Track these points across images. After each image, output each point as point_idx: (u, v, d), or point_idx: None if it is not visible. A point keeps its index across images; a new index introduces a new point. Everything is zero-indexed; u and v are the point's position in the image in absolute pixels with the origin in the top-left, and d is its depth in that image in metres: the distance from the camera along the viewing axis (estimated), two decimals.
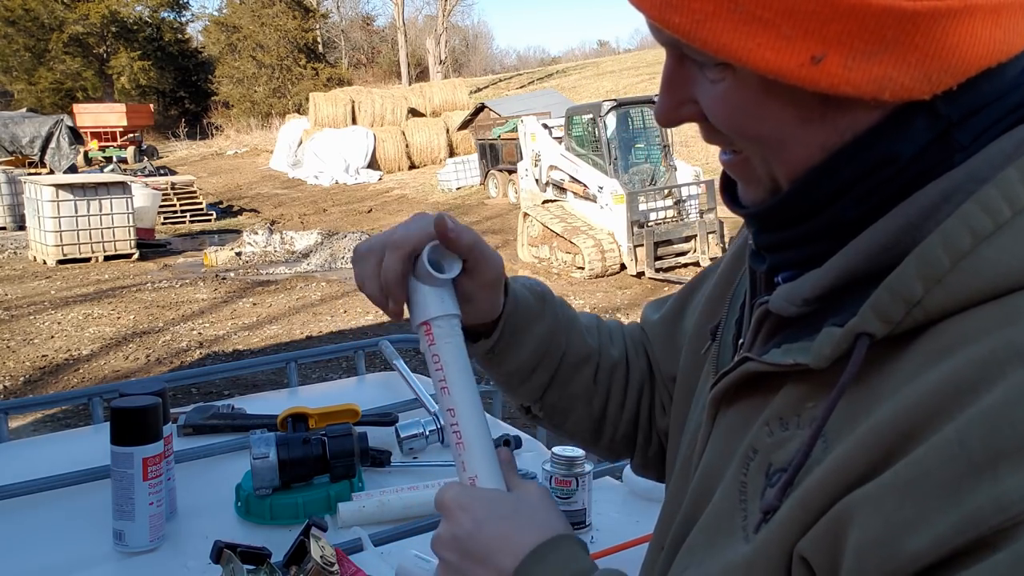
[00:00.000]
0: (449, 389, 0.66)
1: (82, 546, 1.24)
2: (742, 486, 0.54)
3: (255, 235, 12.94)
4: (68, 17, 33.50)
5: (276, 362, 2.13)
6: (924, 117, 0.47)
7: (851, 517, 0.43)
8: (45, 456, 1.59)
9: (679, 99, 0.54)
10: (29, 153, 19.19)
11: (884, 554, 0.41)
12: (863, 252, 0.48)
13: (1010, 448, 0.38)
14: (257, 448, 1.31)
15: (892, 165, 0.48)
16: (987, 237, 0.44)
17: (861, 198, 0.49)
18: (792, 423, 0.51)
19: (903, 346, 0.46)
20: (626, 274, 9.89)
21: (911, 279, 0.45)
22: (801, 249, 0.53)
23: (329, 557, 1.04)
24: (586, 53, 53.94)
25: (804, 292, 0.51)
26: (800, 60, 0.45)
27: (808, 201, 0.52)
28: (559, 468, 1.24)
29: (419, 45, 42.55)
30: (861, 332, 0.46)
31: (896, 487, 0.42)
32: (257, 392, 3.11)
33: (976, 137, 0.47)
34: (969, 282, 0.43)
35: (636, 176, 10.20)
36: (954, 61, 0.45)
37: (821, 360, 0.48)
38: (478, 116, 19.69)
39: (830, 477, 0.45)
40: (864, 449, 0.44)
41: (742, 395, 0.58)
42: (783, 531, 0.48)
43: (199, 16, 43.01)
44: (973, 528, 0.38)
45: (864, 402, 0.46)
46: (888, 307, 0.45)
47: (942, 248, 0.44)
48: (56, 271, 11.39)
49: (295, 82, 35.74)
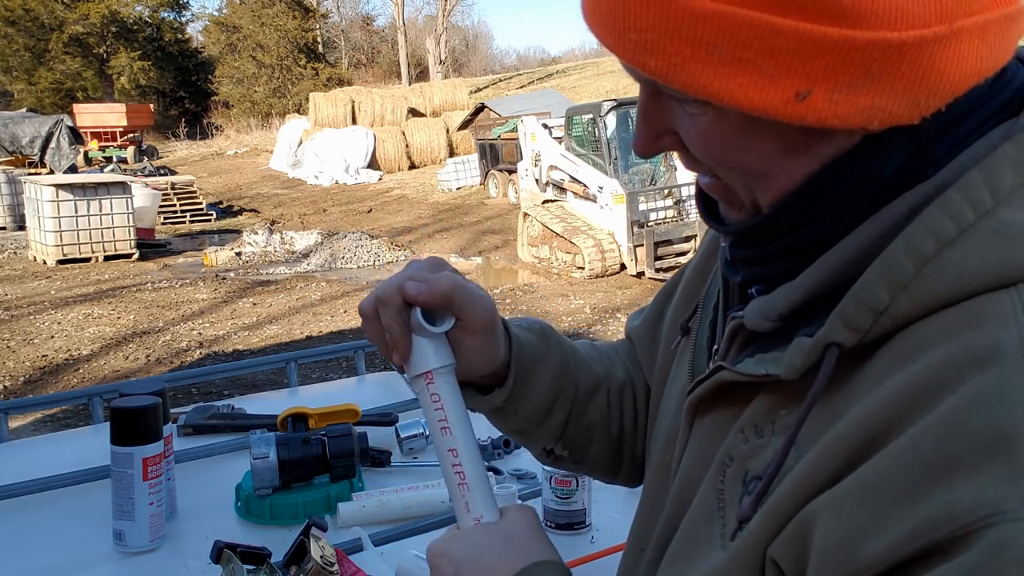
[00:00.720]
0: (451, 430, 0.66)
1: (82, 546, 1.24)
2: (720, 493, 0.54)
3: (255, 235, 12.94)
4: (68, 17, 33.50)
5: (276, 362, 2.13)
6: (903, 135, 0.47)
7: (815, 520, 0.43)
8: (45, 456, 1.59)
9: (657, 131, 0.53)
10: (29, 153, 19.18)
11: (843, 557, 0.41)
12: (834, 265, 0.48)
13: (965, 455, 0.38)
14: (257, 448, 1.31)
15: (873, 185, 0.48)
16: (951, 242, 0.43)
17: (839, 218, 0.49)
18: (767, 430, 0.51)
19: (872, 353, 0.46)
20: (626, 274, 9.89)
21: (875, 286, 0.44)
22: (776, 264, 0.53)
23: (329, 557, 1.04)
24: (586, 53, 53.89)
25: (778, 307, 0.51)
26: (784, 97, 0.44)
27: (788, 222, 0.51)
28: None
29: (419, 45, 42.54)
30: (830, 342, 0.46)
31: (855, 492, 0.42)
32: (257, 392, 3.12)
33: (951, 149, 0.47)
34: (934, 287, 0.43)
35: (636, 176, 10.21)
36: (942, 85, 0.44)
37: (791, 371, 0.48)
38: (478, 116, 19.69)
39: (798, 483, 0.45)
40: (829, 456, 0.44)
41: (718, 403, 0.58)
42: (755, 538, 0.48)
43: (199, 16, 43.06)
44: (926, 535, 0.38)
45: (836, 410, 0.46)
46: (854, 316, 0.45)
47: (905, 254, 0.44)
48: (56, 271, 11.39)
49: (295, 82, 35.74)
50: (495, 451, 1.56)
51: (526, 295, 9.20)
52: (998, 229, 0.43)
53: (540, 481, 1.29)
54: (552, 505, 1.24)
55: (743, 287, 0.58)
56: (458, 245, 13.06)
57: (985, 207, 0.43)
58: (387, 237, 13.04)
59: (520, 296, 9.16)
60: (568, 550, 1.18)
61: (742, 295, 0.59)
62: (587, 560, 1.15)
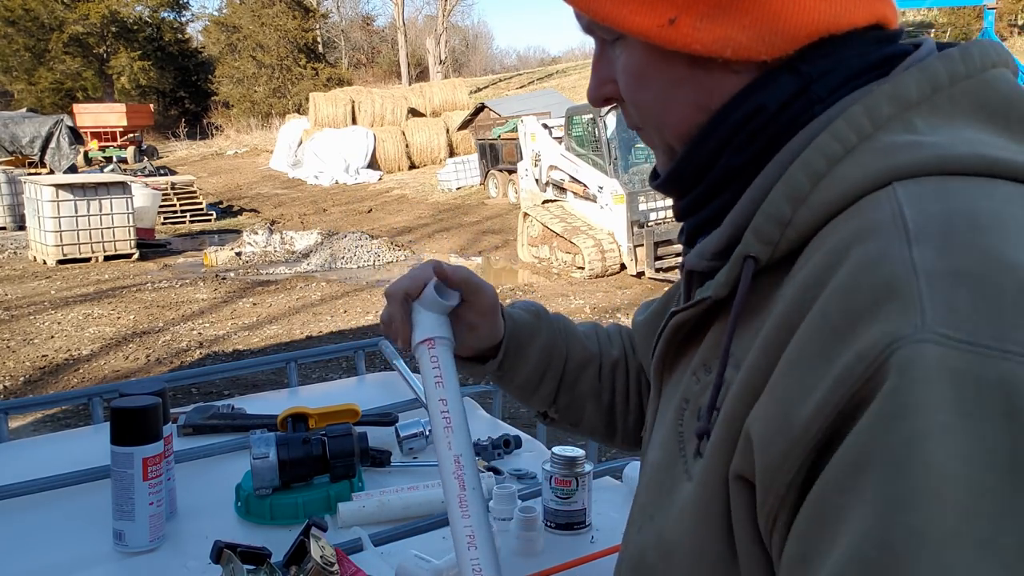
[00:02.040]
0: (444, 383, 0.77)
1: (82, 546, 1.24)
2: (679, 436, 0.59)
3: (255, 235, 12.94)
4: (68, 17, 33.49)
5: (276, 362, 2.13)
6: (787, 75, 0.55)
7: (753, 418, 0.48)
8: (45, 456, 1.59)
9: (601, 79, 0.63)
10: (29, 153, 19.18)
11: (781, 431, 0.45)
12: (747, 204, 0.55)
13: (863, 308, 0.43)
14: (257, 448, 1.31)
15: (761, 114, 0.55)
16: (839, 160, 0.50)
17: (742, 145, 0.56)
18: (714, 365, 0.56)
19: (784, 267, 0.52)
20: (626, 274, 9.89)
21: (780, 201, 0.51)
22: (708, 205, 0.60)
23: (329, 557, 1.04)
24: (586, 53, 53.90)
25: (710, 247, 0.58)
26: (659, 22, 0.55)
27: (699, 156, 0.59)
28: (559, 468, 1.24)
29: (419, 45, 42.53)
30: (746, 255, 0.53)
31: (781, 372, 0.46)
32: (257, 392, 3.11)
33: (832, 91, 0.54)
34: (825, 197, 0.50)
35: (636, 176, 10.19)
36: (782, 27, 0.53)
37: (720, 288, 0.55)
38: (478, 116, 19.68)
39: (741, 390, 0.50)
40: (761, 356, 0.49)
41: (677, 359, 0.63)
42: (715, 456, 0.51)
43: (199, 16, 43.06)
44: (846, 382, 0.42)
45: (759, 321, 0.52)
46: (764, 229, 0.52)
47: (802, 172, 0.51)
48: (56, 271, 11.39)
49: (295, 82, 35.73)
50: (495, 451, 1.56)
51: (526, 295, 9.21)
52: (875, 147, 0.50)
53: (540, 481, 1.28)
54: (552, 505, 1.24)
55: (690, 242, 0.64)
56: (458, 245, 13.06)
57: (866, 132, 0.50)
58: (387, 237, 13.04)
59: (520, 296, 9.16)
60: (568, 550, 1.18)
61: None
62: (587, 560, 1.15)
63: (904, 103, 0.51)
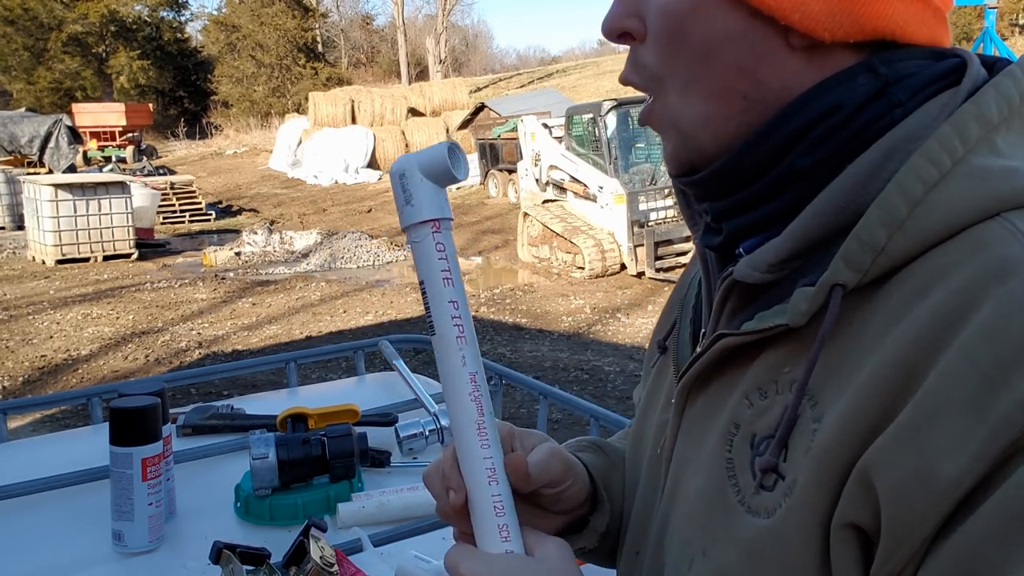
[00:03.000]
0: (453, 281, 0.61)
1: (81, 546, 1.24)
2: (728, 463, 0.54)
3: (254, 235, 12.94)
4: (67, 16, 33.50)
5: (276, 362, 2.12)
6: (865, 75, 0.52)
7: (874, 467, 0.44)
8: (44, 456, 1.59)
9: (627, 9, 0.58)
10: (28, 153, 19.19)
11: (924, 485, 0.42)
12: (820, 214, 0.51)
13: (1013, 356, 0.41)
14: (256, 448, 1.31)
15: (838, 113, 0.52)
16: (934, 185, 0.48)
17: (813, 146, 0.53)
18: (771, 391, 0.53)
19: (871, 295, 0.49)
20: (626, 274, 9.89)
21: (875, 227, 0.48)
22: (760, 208, 0.55)
23: (329, 558, 1.04)
24: (586, 53, 53.97)
25: (768, 258, 0.53)
26: None
27: (761, 153, 0.54)
28: None
29: (419, 44, 42.54)
30: (835, 283, 0.49)
31: (918, 420, 0.43)
32: (257, 392, 3.11)
33: (911, 95, 0.52)
34: (925, 224, 0.47)
35: (636, 176, 10.20)
36: (858, 10, 0.51)
37: (799, 316, 0.50)
38: (478, 116, 19.69)
39: (843, 429, 0.46)
40: (869, 396, 0.45)
41: (712, 378, 0.58)
42: (809, 499, 0.47)
43: (198, 15, 43.10)
44: (1004, 434, 0.40)
45: (845, 355, 0.48)
46: (857, 256, 0.48)
47: (899, 197, 0.48)
48: (55, 271, 11.39)
49: (294, 81, 35.74)
50: None
51: (526, 295, 9.20)
52: (970, 172, 0.48)
53: None
54: None
55: (727, 248, 0.58)
56: (458, 245, 12.94)
57: (958, 154, 0.48)
58: (387, 237, 13.04)
59: (520, 296, 9.15)
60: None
61: (726, 259, 0.59)
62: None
63: (988, 123, 0.50)
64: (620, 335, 7.38)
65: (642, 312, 8.19)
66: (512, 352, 6.86)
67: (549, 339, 7.32)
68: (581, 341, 7.24)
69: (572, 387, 5.82)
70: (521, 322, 7.94)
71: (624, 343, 7.12)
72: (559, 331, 7.59)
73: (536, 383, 1.87)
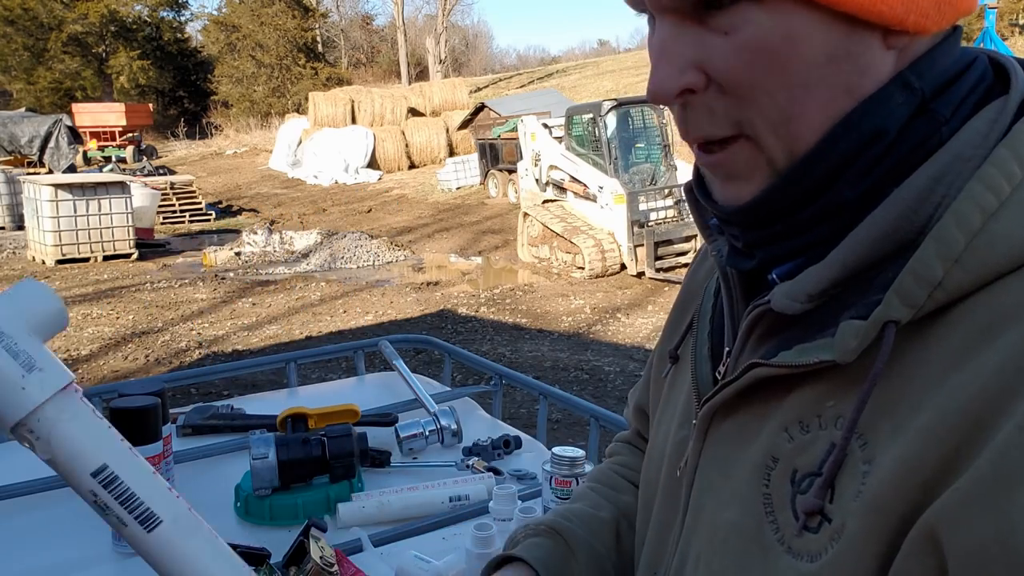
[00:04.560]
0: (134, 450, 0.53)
1: (81, 546, 1.24)
2: (765, 498, 0.51)
3: (254, 235, 12.93)
4: (67, 16, 33.49)
5: (276, 362, 2.12)
6: (900, 91, 0.48)
7: (946, 523, 0.41)
8: None
9: (681, 65, 0.49)
10: (28, 153, 19.18)
11: (1006, 554, 0.38)
12: (866, 242, 0.48)
13: None
14: (256, 448, 1.31)
15: (882, 139, 0.48)
16: (993, 213, 0.44)
17: (859, 176, 0.49)
18: (813, 425, 0.49)
19: (925, 330, 0.45)
20: (626, 274, 9.89)
21: (932, 261, 0.44)
22: (799, 238, 0.52)
23: (328, 558, 1.04)
24: (586, 53, 53.99)
25: (808, 288, 0.50)
26: None
27: (807, 182, 0.50)
28: (559, 468, 1.24)
29: (419, 44, 42.54)
30: (888, 320, 0.45)
31: (996, 478, 0.39)
32: (257, 392, 3.11)
33: (955, 110, 0.48)
34: (986, 258, 0.44)
35: (636, 176, 10.20)
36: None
37: (847, 354, 0.47)
38: (478, 116, 19.68)
39: (900, 476, 0.43)
40: (930, 443, 0.42)
41: (740, 405, 0.55)
42: (859, 548, 0.45)
43: (198, 15, 43.07)
44: None
45: (898, 394, 0.45)
46: (913, 292, 0.45)
47: (956, 228, 0.44)
48: (55, 271, 11.39)
49: (294, 81, 35.73)
50: (495, 451, 1.55)
51: (526, 295, 9.20)
52: None
53: (540, 481, 1.28)
54: (552, 505, 1.24)
55: (759, 273, 0.56)
56: (458, 245, 13.06)
57: (1017, 179, 0.45)
58: (387, 237, 13.04)
59: (520, 296, 9.15)
60: None
61: (753, 285, 0.57)
62: None
63: None
64: (620, 335, 7.37)
65: (642, 312, 8.19)
66: (512, 352, 6.86)
67: (549, 339, 7.32)
68: (581, 341, 7.24)
69: (572, 387, 5.82)
70: (521, 322, 7.94)
71: (624, 343, 7.12)
72: (559, 331, 7.59)
73: (536, 383, 1.87)
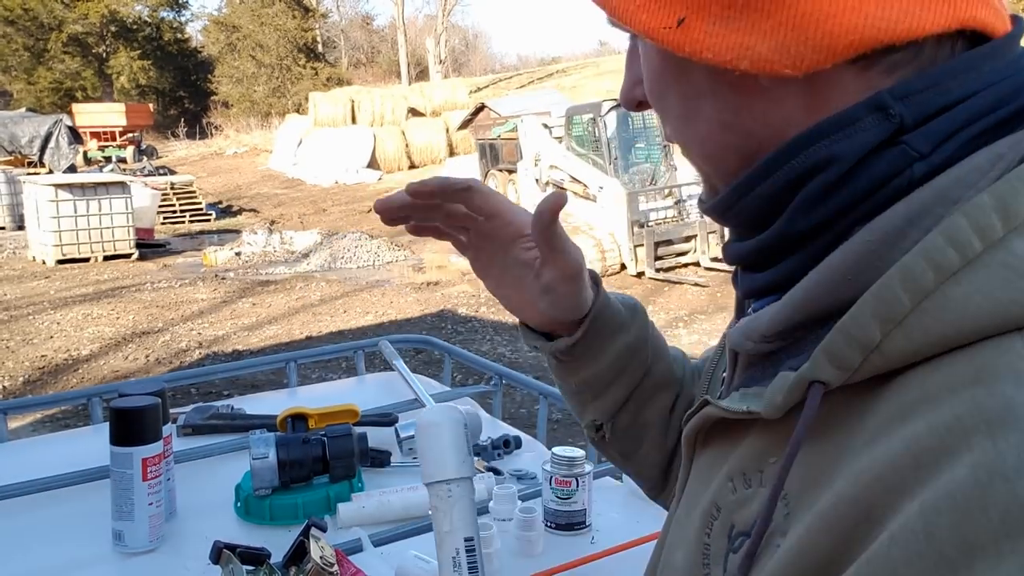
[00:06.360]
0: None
1: (81, 546, 1.24)
2: (705, 548, 0.49)
3: (254, 235, 12.94)
4: (67, 17, 33.52)
5: (276, 362, 2.12)
6: (871, 116, 0.42)
7: None
8: (44, 456, 1.59)
9: (633, 79, 0.57)
10: (28, 153, 19.19)
11: None
12: (822, 284, 0.42)
13: (985, 540, 0.32)
14: (256, 448, 1.31)
15: (832, 167, 0.43)
16: (953, 274, 0.37)
17: (810, 204, 0.44)
18: (755, 479, 0.46)
19: (867, 395, 0.40)
20: (626, 274, 9.89)
21: (867, 320, 0.38)
22: (770, 270, 0.48)
23: (329, 558, 1.04)
24: (586, 53, 53.91)
25: (761, 327, 0.46)
26: (667, 23, 0.45)
27: (746, 205, 0.48)
28: (559, 468, 1.24)
29: (419, 45, 42.54)
30: (814, 380, 0.40)
31: None
32: (257, 392, 3.11)
33: (937, 145, 0.41)
34: (931, 326, 0.37)
35: (636, 176, 10.21)
36: (813, 34, 0.41)
37: (773, 410, 0.43)
38: (478, 116, 19.67)
39: (794, 559, 0.39)
40: (825, 529, 0.38)
41: (714, 437, 0.52)
42: None
43: (198, 16, 43.26)
44: None
45: (827, 459, 0.40)
46: (843, 352, 0.39)
47: (901, 285, 0.38)
48: (55, 271, 11.39)
49: (295, 82, 35.75)
50: (495, 451, 1.55)
51: None
52: (1008, 262, 0.36)
53: (540, 481, 1.28)
54: (552, 505, 1.24)
55: (744, 302, 0.54)
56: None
57: (995, 236, 0.37)
58: (387, 237, 13.03)
59: None
60: (568, 551, 1.18)
61: (741, 313, 0.55)
62: (587, 561, 1.15)
63: None
64: None
65: None
66: (512, 352, 6.86)
67: None
68: None
69: None
70: None
71: None
72: None
73: (536, 383, 1.87)
